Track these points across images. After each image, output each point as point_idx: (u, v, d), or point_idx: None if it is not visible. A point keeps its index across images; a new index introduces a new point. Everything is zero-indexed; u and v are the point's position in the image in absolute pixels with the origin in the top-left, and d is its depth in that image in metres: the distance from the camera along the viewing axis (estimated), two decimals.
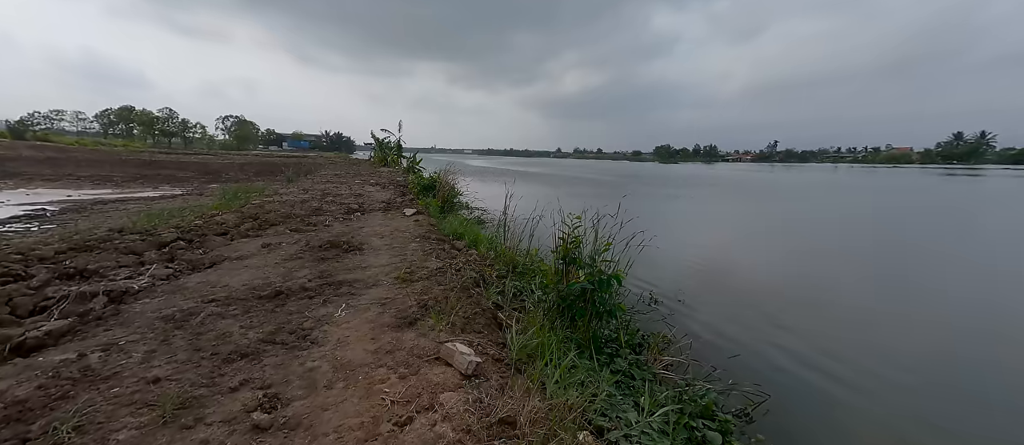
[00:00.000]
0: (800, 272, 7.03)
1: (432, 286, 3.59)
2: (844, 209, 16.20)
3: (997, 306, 5.37)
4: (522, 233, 5.69)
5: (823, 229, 11.69)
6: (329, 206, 8.21)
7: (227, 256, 4.50)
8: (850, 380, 3.40)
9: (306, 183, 13.25)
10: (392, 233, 5.98)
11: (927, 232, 10.63)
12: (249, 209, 7.30)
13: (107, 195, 14.82)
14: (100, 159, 30.96)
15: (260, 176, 23.31)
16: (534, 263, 4.86)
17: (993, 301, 5.59)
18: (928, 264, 7.58)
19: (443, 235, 6.11)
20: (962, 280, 6.50)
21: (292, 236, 5.60)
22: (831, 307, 5.30)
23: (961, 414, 3.10)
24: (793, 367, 3.56)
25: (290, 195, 9.60)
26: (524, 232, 5.82)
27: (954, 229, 11.13)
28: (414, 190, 11.04)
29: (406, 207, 8.69)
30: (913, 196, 21.97)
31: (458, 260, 4.58)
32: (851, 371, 3.51)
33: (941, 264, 7.52)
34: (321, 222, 6.65)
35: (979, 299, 5.65)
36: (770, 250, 9.06)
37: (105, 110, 73.94)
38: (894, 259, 8.05)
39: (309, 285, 3.51)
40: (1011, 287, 6.29)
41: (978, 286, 6.22)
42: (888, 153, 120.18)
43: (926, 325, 4.79)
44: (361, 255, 4.70)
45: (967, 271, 7.04)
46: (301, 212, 7.43)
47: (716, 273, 6.69)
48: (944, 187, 28.91)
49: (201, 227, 5.91)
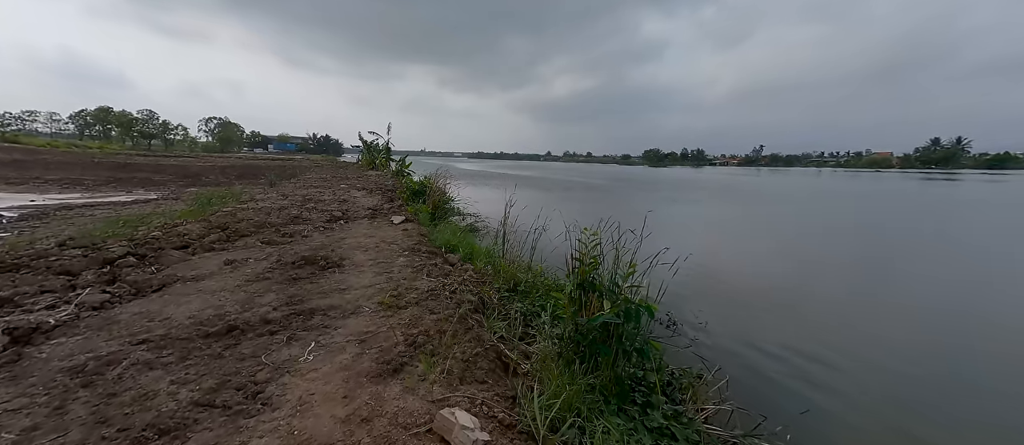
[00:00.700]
0: (835, 289, 6.43)
1: (423, 314, 3.01)
2: (853, 215, 15.91)
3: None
4: (523, 245, 5.13)
5: (840, 238, 11.23)
6: (310, 214, 7.55)
7: (181, 276, 3.84)
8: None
9: (288, 187, 12.51)
10: (378, 245, 5.36)
11: (962, 243, 10.22)
12: (219, 217, 6.60)
13: (75, 200, 13.83)
14: (72, 162, 29.52)
15: (242, 180, 22.35)
16: (538, 281, 4.31)
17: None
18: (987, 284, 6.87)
19: (435, 247, 5.51)
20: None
21: (263, 250, 4.95)
22: (891, 333, 4.69)
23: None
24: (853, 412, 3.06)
25: (268, 201, 8.89)
26: (525, 244, 5.27)
27: (982, 240, 10.78)
28: (403, 195, 10.41)
29: (394, 214, 8.06)
30: (909, 201, 21.95)
31: (453, 279, 4.00)
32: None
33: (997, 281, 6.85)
34: (299, 232, 6.00)
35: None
36: (794, 261, 8.53)
37: (81, 111, 71.28)
38: (946, 277, 7.33)
39: (273, 315, 2.89)
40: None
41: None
42: (870, 158, 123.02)
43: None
44: (341, 273, 4.09)
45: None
46: (277, 220, 6.76)
47: (737, 289, 6.11)
48: (944, 193, 29.16)
49: (159, 239, 5.21)
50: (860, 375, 3.66)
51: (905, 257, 8.98)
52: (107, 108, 69.85)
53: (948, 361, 4.00)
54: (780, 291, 6.17)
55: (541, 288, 4.14)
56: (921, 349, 4.25)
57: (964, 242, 10.35)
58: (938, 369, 3.86)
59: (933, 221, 14.36)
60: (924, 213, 16.67)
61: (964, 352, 4.18)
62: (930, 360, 4.00)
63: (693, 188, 31.75)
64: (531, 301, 3.92)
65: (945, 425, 3.03)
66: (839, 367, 3.75)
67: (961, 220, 14.73)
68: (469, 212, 11.59)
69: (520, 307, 3.77)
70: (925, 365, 3.90)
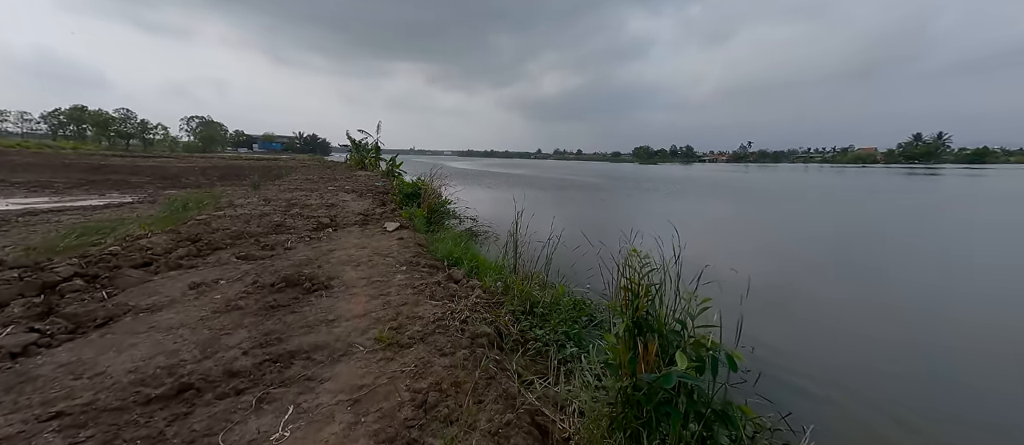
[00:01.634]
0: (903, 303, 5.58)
1: (431, 356, 2.42)
2: (879, 217, 15.15)
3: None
4: (534, 256, 4.55)
5: (881, 245, 10.12)
6: (294, 221, 6.87)
7: (134, 305, 3.19)
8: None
9: (271, 191, 11.73)
10: (371, 258, 4.75)
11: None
12: (191, 227, 5.90)
13: (41, 205, 12.86)
14: (42, 163, 28.08)
15: (224, 181, 21.38)
16: (561, 300, 3.74)
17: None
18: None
19: (436, 260, 4.91)
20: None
21: (238, 267, 4.30)
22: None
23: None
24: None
25: (249, 206, 8.17)
26: (534, 253, 4.68)
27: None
28: (396, 198, 9.76)
29: (388, 220, 7.43)
30: (921, 198, 21.24)
31: (461, 302, 3.42)
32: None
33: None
34: (281, 244, 5.34)
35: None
36: (847, 269, 7.50)
37: (54, 110, 68.36)
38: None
39: (241, 364, 2.27)
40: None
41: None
42: (855, 154, 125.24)
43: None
44: (329, 297, 3.47)
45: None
46: (258, 229, 6.08)
47: (797, 307, 5.11)
48: (943, 187, 28.94)
49: (117, 256, 4.52)
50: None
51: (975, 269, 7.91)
52: (82, 107, 67.12)
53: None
54: (851, 308, 5.20)
55: (564, 309, 3.58)
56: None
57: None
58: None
59: (957, 223, 13.72)
60: (944, 214, 16.05)
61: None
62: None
63: (693, 186, 31.50)
64: (552, 326, 3.36)
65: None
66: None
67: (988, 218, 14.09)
68: (465, 214, 10.99)
69: (543, 335, 3.20)
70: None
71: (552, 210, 15.79)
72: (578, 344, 3.12)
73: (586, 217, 13.89)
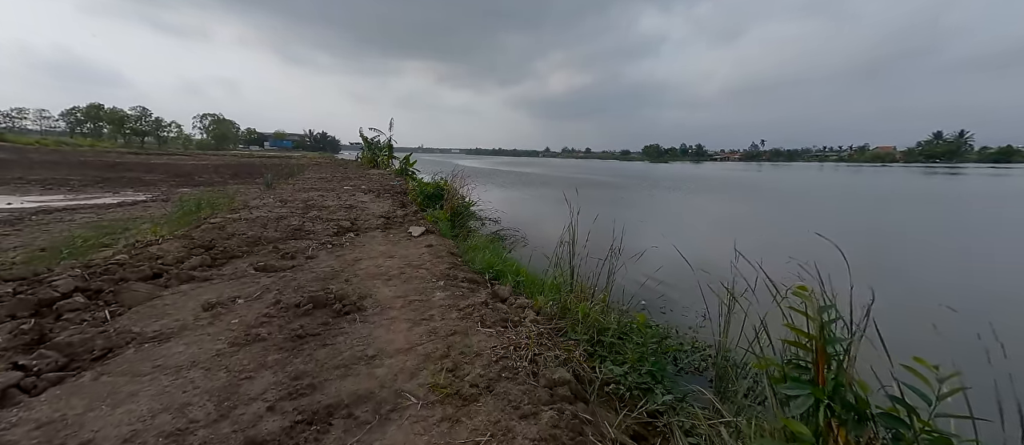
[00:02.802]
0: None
1: (508, 418, 1.88)
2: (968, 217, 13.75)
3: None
4: (597, 274, 3.97)
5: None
6: (313, 225, 6.39)
7: (139, 333, 2.70)
8: None
9: (286, 190, 11.33)
10: (403, 270, 4.23)
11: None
12: (204, 232, 5.45)
13: (56, 202, 12.68)
14: (58, 160, 28.30)
15: (237, 179, 21.20)
16: (637, 328, 3.17)
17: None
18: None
19: (474, 272, 4.38)
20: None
21: (257, 281, 3.81)
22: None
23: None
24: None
25: (264, 208, 7.73)
26: (591, 266, 4.11)
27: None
28: (416, 200, 9.26)
29: (411, 223, 6.92)
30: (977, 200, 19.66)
31: (518, 330, 2.88)
32: None
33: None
34: (302, 252, 4.85)
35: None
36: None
37: (72, 108, 69.43)
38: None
39: (267, 429, 1.75)
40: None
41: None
42: (873, 152, 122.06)
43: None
44: (363, 322, 2.95)
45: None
46: (275, 234, 5.61)
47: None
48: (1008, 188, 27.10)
49: (125, 265, 4.07)
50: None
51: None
52: (98, 105, 68.08)
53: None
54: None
55: (643, 341, 3.01)
56: None
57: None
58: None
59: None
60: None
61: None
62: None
63: (716, 185, 30.58)
64: (631, 363, 2.79)
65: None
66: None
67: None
68: (487, 215, 10.46)
69: (622, 376, 2.64)
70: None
71: (578, 210, 15.12)
72: (669, 388, 2.56)
73: (618, 219, 13.16)
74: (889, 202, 18.58)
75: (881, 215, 14.47)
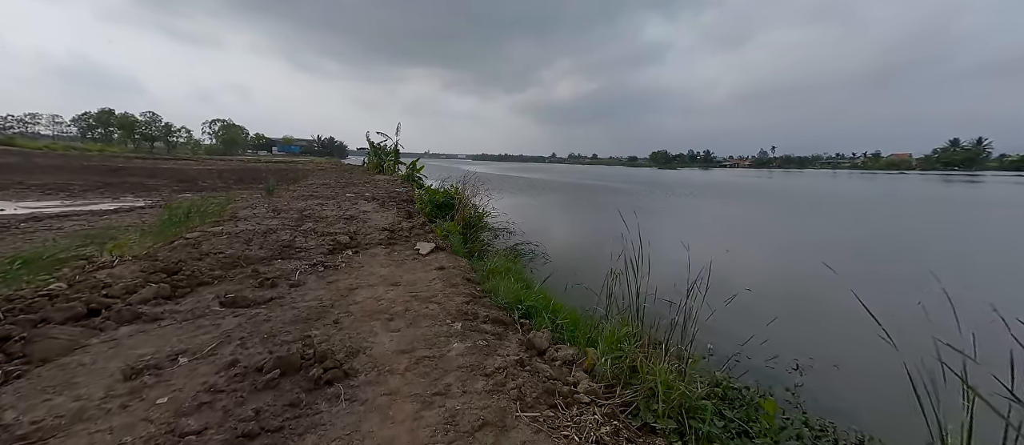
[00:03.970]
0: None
1: None
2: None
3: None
4: (659, 313, 3.02)
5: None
6: (306, 239, 5.51)
7: (11, 423, 1.81)
8: None
9: (284, 197, 10.52)
10: (408, 305, 3.31)
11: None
12: (173, 251, 4.58)
13: (50, 208, 12.03)
14: (63, 165, 28.01)
15: (240, 184, 20.57)
16: (744, 406, 2.21)
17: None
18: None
19: (499, 308, 3.45)
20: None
21: (216, 324, 2.90)
22: None
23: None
24: None
25: (254, 219, 6.88)
26: (632, 296, 3.14)
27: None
28: (424, 209, 8.38)
29: (419, 238, 6.03)
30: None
31: (583, 422, 1.94)
32: None
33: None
34: (286, 277, 3.96)
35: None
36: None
37: (83, 113, 70.09)
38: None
39: None
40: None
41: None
42: (888, 159, 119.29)
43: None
44: (351, 401, 2.03)
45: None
46: (259, 252, 4.73)
47: None
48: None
49: (58, 296, 3.20)
50: None
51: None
52: (109, 110, 68.62)
53: None
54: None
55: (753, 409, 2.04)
56: None
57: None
58: None
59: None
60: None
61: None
62: None
63: (732, 192, 29.43)
64: None
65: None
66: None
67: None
68: (500, 225, 9.54)
69: None
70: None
71: (597, 220, 14.06)
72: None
73: (653, 229, 12.08)
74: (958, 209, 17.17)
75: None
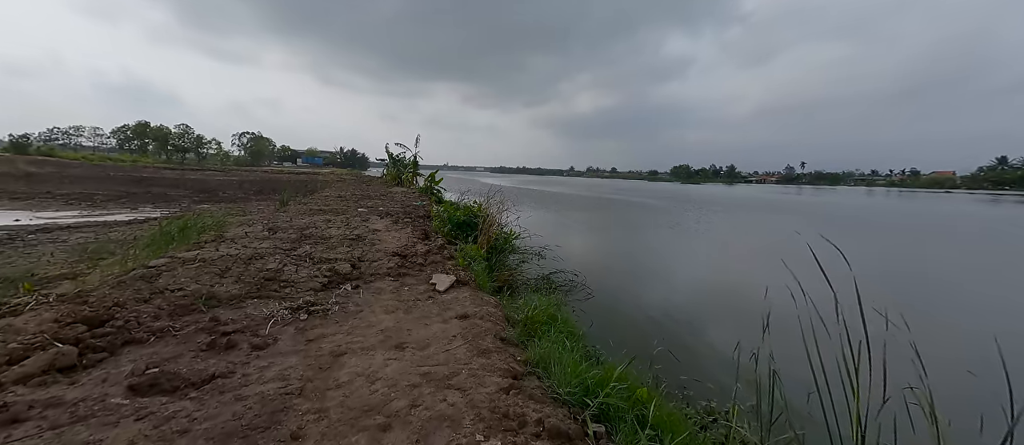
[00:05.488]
0: None
1: None
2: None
3: None
4: None
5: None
6: (297, 267, 4.43)
7: None
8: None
9: (290, 211, 9.62)
10: (416, 397, 2.13)
11: None
12: (117, 287, 3.55)
13: (68, 218, 11.59)
14: (92, 175, 28.61)
15: (260, 196, 20.21)
16: None
17: None
18: None
19: (557, 401, 2.22)
20: None
21: (107, 432, 1.79)
22: None
23: None
24: None
25: (243, 239, 5.88)
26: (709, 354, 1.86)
27: None
28: (442, 228, 7.26)
29: (436, 266, 4.88)
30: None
31: None
32: None
33: None
34: (255, 328, 2.85)
35: None
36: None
37: (122, 126, 73.35)
38: None
39: None
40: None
41: None
42: (930, 177, 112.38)
43: None
44: None
45: None
46: (233, 287, 3.66)
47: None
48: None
49: None
50: None
51: None
52: (145, 123, 71.54)
53: None
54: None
55: None
56: None
57: None
58: None
59: None
60: None
61: None
62: None
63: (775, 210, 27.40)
64: None
65: None
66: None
67: None
68: (529, 246, 8.33)
69: None
70: None
71: (639, 242, 12.60)
72: None
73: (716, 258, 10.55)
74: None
75: None
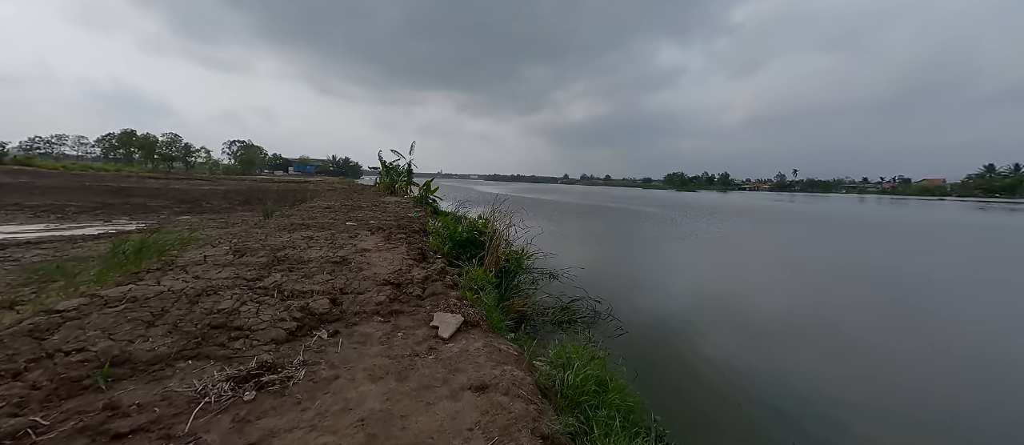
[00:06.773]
0: None
1: None
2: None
3: None
4: None
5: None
6: (259, 306, 3.45)
7: None
8: None
9: (269, 226, 8.59)
10: None
11: None
12: (13, 337, 2.56)
13: (28, 233, 10.39)
14: (66, 185, 27.17)
15: (246, 206, 19.03)
16: None
17: None
18: None
19: None
20: None
21: None
22: None
23: None
24: None
25: (200, 266, 4.86)
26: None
27: None
28: (441, 247, 6.30)
29: (437, 298, 3.92)
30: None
31: None
32: None
33: None
34: (167, 420, 1.90)
35: None
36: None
37: (107, 134, 71.42)
38: None
39: None
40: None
41: None
42: (921, 184, 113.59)
43: None
44: None
45: None
46: (161, 342, 2.68)
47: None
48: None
49: None
50: None
51: None
52: (131, 132, 69.69)
53: None
54: None
55: None
56: None
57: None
58: None
59: None
60: None
61: None
62: None
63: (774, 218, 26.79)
64: None
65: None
66: None
67: None
68: (539, 265, 7.41)
69: None
70: None
71: (655, 258, 11.76)
72: None
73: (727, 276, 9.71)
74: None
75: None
